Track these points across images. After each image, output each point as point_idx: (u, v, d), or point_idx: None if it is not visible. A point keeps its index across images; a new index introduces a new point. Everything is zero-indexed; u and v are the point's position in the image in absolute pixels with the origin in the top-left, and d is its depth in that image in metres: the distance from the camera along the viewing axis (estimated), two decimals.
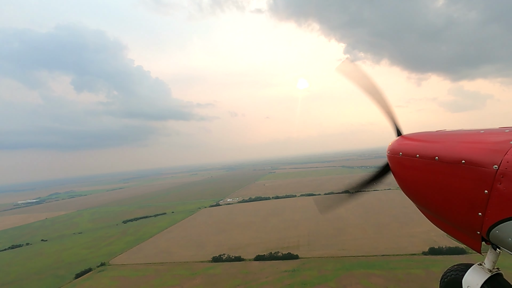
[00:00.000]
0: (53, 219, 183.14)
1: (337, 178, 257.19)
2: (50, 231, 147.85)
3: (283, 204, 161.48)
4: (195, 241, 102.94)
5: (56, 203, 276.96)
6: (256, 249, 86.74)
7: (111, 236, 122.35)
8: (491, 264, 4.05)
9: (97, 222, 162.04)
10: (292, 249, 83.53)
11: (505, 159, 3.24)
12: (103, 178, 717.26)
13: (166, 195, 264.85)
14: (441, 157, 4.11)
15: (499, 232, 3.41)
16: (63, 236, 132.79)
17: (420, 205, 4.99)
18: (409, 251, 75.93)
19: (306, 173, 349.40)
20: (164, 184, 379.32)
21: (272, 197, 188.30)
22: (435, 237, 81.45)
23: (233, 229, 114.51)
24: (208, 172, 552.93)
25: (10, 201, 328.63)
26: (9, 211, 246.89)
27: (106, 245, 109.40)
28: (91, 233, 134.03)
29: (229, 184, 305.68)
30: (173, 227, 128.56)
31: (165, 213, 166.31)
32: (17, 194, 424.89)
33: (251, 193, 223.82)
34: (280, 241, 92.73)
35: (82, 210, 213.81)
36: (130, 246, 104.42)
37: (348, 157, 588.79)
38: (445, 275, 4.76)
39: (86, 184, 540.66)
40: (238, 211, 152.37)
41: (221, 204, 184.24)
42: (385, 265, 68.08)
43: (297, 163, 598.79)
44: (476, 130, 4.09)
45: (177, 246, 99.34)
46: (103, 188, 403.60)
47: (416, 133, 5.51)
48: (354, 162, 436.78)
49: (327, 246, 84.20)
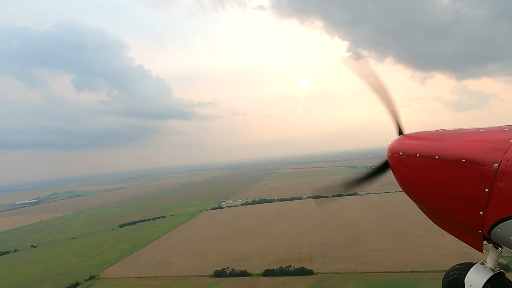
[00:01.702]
0: (47, 222, 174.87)
1: (343, 179, 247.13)
2: (42, 235, 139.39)
3: (289, 207, 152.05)
4: (195, 249, 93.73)
5: (53, 204, 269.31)
6: (264, 261, 77.33)
7: (105, 243, 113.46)
8: (493, 263, 4.03)
9: (92, 225, 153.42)
10: (305, 262, 74.01)
11: (505, 157, 3.27)
12: (104, 177, 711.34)
13: (166, 196, 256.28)
14: (442, 157, 4.09)
15: (501, 230, 3.42)
16: (55, 241, 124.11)
17: (421, 204, 4.97)
18: (440, 266, 66.12)
19: (311, 174, 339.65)
20: (165, 184, 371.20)
21: (277, 199, 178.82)
22: (466, 248, 71.61)
23: (237, 235, 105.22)
24: (209, 172, 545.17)
25: (9, 201, 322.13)
26: (5, 212, 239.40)
27: (98, 253, 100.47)
28: (85, 238, 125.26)
29: (231, 184, 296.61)
30: (172, 233, 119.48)
31: (164, 216, 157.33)
32: (17, 194, 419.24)
33: (254, 194, 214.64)
34: (290, 251, 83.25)
35: (79, 212, 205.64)
36: (124, 254, 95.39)
37: (352, 157, 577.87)
38: (447, 274, 4.75)
39: (86, 184, 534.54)
40: (241, 214, 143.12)
41: (223, 206, 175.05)
42: (417, 285, 58.39)
43: (299, 163, 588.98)
44: (476, 129, 4.08)
45: (176, 255, 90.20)
46: (103, 188, 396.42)
47: (416, 133, 5.46)
48: (359, 162, 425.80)
49: (344, 259, 74.58)
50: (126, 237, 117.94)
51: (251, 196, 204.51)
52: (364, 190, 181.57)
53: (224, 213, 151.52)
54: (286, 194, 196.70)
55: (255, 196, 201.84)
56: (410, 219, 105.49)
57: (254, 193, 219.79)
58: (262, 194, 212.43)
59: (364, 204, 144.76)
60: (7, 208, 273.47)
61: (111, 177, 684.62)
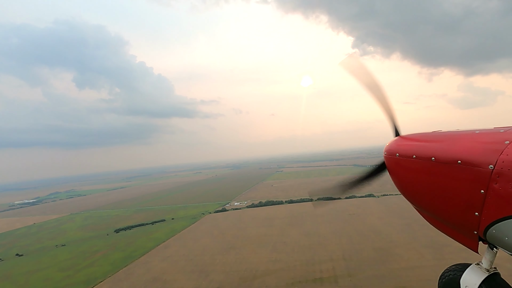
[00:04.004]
0: (41, 225, 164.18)
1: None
2: (32, 241, 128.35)
3: (300, 210, 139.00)
4: (197, 263, 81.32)
5: (51, 205, 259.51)
6: (279, 281, 64.55)
7: (97, 251, 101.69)
8: (488, 264, 4.06)
9: (87, 229, 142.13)
10: (329, 283, 61.09)
11: (500, 159, 3.30)
12: (106, 176, 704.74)
13: (168, 196, 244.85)
14: (438, 158, 4.11)
15: (496, 231, 3.45)
16: (43, 249, 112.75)
17: (417, 206, 4.95)
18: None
19: (317, 173, 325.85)
20: (167, 184, 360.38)
21: (285, 201, 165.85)
22: None
23: (244, 245, 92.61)
24: (212, 171, 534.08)
25: (8, 201, 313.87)
26: (1, 213, 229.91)
27: (88, 265, 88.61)
28: (76, 245, 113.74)
29: (235, 184, 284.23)
30: (171, 240, 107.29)
31: (164, 220, 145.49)
32: (18, 193, 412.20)
33: (260, 195, 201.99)
34: (309, 268, 70.32)
35: (76, 214, 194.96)
36: (116, 267, 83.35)
37: (357, 155, 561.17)
38: (443, 275, 4.73)
39: (88, 182, 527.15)
40: (248, 219, 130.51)
41: (227, 209, 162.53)
42: None
43: (303, 161, 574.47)
44: (472, 130, 4.10)
45: (174, 270, 77.86)
46: (104, 188, 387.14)
47: (413, 134, 5.46)
48: (365, 161, 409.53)
49: (377, 279, 61.47)
50: (121, 245, 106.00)
51: (257, 197, 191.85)
52: (380, 192, 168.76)
53: (229, 217, 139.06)
54: (295, 195, 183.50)
55: (261, 197, 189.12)
56: None
57: (259, 194, 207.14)
58: (268, 195, 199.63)
59: (383, 207, 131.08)
60: (5, 208, 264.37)
61: (113, 176, 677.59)
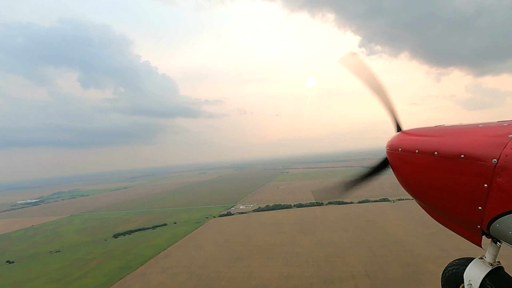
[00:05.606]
0: (38, 227, 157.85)
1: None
2: (26, 245, 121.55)
3: (310, 215, 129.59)
4: (199, 276, 72.67)
5: (53, 205, 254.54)
6: None
7: (92, 259, 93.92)
8: (492, 258, 4.06)
9: (84, 233, 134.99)
10: None
11: (504, 152, 3.29)
12: (111, 176, 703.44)
13: (171, 197, 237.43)
14: (440, 152, 4.08)
15: (499, 225, 3.44)
16: (36, 255, 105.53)
17: (421, 200, 4.93)
18: None
19: (324, 174, 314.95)
20: (171, 184, 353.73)
21: (293, 205, 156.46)
22: None
23: (252, 256, 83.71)
24: (216, 171, 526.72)
25: (11, 200, 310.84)
26: (2, 214, 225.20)
27: (80, 276, 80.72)
28: (71, 251, 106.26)
29: (239, 185, 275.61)
30: (172, 248, 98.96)
31: (166, 224, 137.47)
32: (22, 192, 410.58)
33: (266, 198, 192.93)
34: (328, 286, 61.08)
35: (76, 215, 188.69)
36: (110, 280, 75.22)
37: (363, 156, 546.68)
38: (446, 269, 4.73)
39: (92, 182, 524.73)
40: (254, 224, 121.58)
41: (232, 212, 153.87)
42: None
43: (309, 162, 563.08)
44: (475, 124, 4.07)
45: (174, 284, 69.32)
46: (107, 188, 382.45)
47: (415, 129, 5.42)
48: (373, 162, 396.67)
49: None
50: (118, 253, 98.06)
51: (263, 200, 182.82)
52: (394, 195, 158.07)
53: (234, 222, 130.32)
54: (303, 198, 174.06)
55: (267, 200, 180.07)
56: None
57: (265, 197, 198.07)
58: (274, 197, 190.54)
59: (400, 213, 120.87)
60: (6, 208, 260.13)
61: (117, 176, 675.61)
